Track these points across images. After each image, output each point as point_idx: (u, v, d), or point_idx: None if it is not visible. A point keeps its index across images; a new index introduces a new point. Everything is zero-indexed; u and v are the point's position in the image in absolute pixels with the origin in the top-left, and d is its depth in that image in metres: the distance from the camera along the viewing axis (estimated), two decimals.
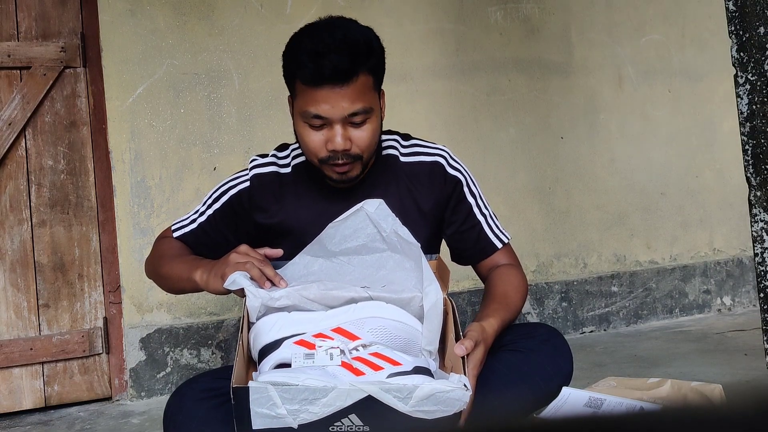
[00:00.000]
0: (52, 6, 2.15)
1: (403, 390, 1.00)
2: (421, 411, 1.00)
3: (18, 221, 2.10)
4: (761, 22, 1.40)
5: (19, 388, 2.06)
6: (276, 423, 0.99)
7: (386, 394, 1.00)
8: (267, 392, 0.98)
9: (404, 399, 1.00)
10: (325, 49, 1.19)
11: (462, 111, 2.54)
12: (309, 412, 0.99)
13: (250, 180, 1.37)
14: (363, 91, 1.23)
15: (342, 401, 0.99)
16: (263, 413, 0.99)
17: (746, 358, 2.05)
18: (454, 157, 1.41)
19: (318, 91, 1.20)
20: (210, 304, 2.22)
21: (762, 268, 1.44)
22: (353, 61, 1.20)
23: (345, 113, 1.21)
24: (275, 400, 0.98)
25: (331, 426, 1.01)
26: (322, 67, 1.18)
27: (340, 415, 1.01)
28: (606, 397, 1.22)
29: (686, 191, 2.87)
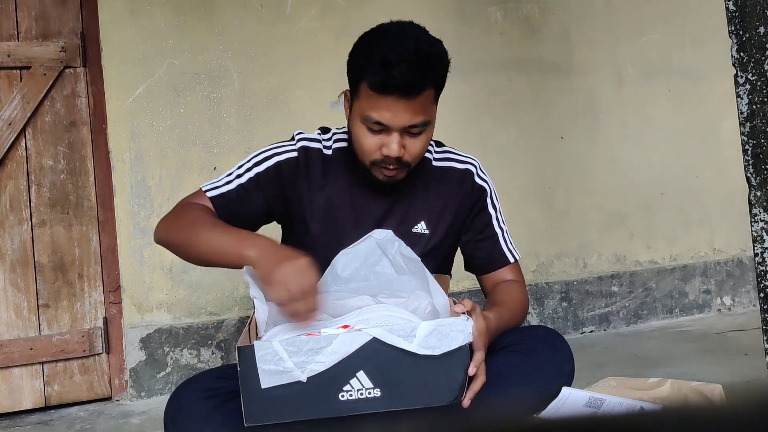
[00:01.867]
0: (52, 6, 2.15)
1: (407, 328, 1.02)
2: (427, 347, 1.02)
3: (18, 221, 2.10)
4: (761, 22, 1.40)
5: (19, 388, 2.06)
6: (284, 378, 0.99)
7: (390, 334, 1.01)
8: (272, 347, 0.99)
9: (408, 337, 1.02)
10: (397, 58, 1.18)
11: (462, 111, 2.54)
12: (316, 362, 0.99)
13: (298, 151, 1.35)
14: (426, 105, 1.24)
15: (347, 347, 1.00)
16: (271, 370, 0.99)
17: (746, 358, 2.05)
18: (482, 169, 1.46)
19: (383, 99, 1.21)
20: (210, 304, 2.22)
21: (762, 268, 1.44)
22: (423, 75, 1.20)
23: (406, 124, 1.22)
24: (281, 354, 0.98)
25: (340, 392, 1.01)
26: (392, 78, 1.18)
27: (349, 372, 1.00)
28: (606, 397, 1.22)
29: (686, 191, 2.87)
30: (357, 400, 1.02)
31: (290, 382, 0.99)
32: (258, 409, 1.00)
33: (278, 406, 1.00)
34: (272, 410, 1.01)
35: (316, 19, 2.36)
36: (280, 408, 1.01)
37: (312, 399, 1.01)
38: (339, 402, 1.02)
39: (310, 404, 1.01)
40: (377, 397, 1.02)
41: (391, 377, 1.03)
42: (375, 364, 1.02)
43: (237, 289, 2.23)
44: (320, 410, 1.02)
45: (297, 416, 1.02)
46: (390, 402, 1.03)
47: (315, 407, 1.02)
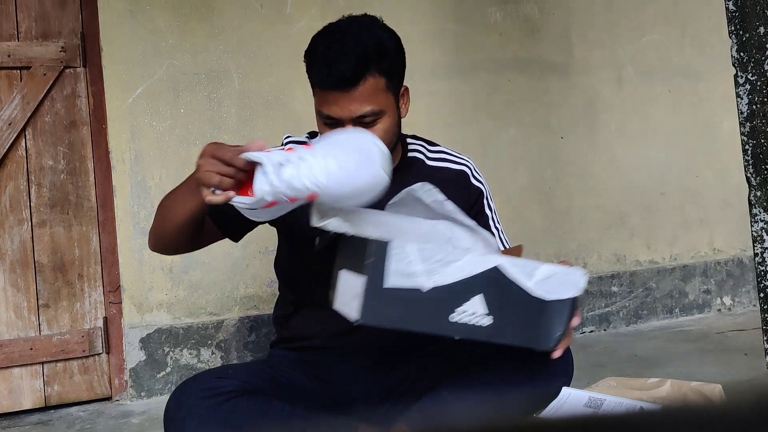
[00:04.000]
0: (52, 6, 2.15)
1: (528, 266, 1.04)
2: (542, 289, 1.05)
3: (18, 221, 2.10)
4: (761, 22, 1.40)
5: (19, 388, 2.06)
6: (408, 282, 0.99)
7: (513, 267, 1.03)
8: (406, 248, 0.99)
9: (528, 275, 1.04)
10: (333, 55, 1.23)
11: (462, 111, 2.54)
12: (442, 274, 1.00)
13: None
14: (372, 94, 1.25)
15: (474, 267, 1.01)
16: (398, 270, 0.98)
17: (746, 358, 2.05)
18: (476, 170, 1.46)
19: (327, 94, 1.25)
20: (210, 304, 2.22)
21: (762, 268, 1.44)
22: (360, 67, 1.22)
23: (353, 115, 1.25)
24: (412, 257, 0.98)
25: (452, 313, 1.01)
26: (329, 75, 1.23)
27: (466, 294, 1.01)
28: (606, 397, 1.22)
29: (686, 191, 2.87)
30: (466, 324, 1.02)
31: (412, 287, 0.99)
32: (374, 307, 0.99)
33: (393, 310, 1.00)
34: (386, 312, 1.00)
35: (316, 19, 2.36)
36: (393, 312, 1.00)
37: (425, 312, 1.01)
38: (449, 322, 1.01)
39: (422, 317, 1.01)
40: (486, 326, 1.03)
41: (503, 309, 1.04)
42: (492, 293, 1.03)
43: (237, 289, 2.24)
44: (430, 326, 1.02)
45: (407, 325, 1.02)
46: (495, 334, 1.04)
47: (426, 321, 1.02)
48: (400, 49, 1.32)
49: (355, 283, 1.02)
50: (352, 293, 1.02)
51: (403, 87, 1.35)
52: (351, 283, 1.04)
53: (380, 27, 1.30)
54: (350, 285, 1.04)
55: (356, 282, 1.01)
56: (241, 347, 2.22)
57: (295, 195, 0.99)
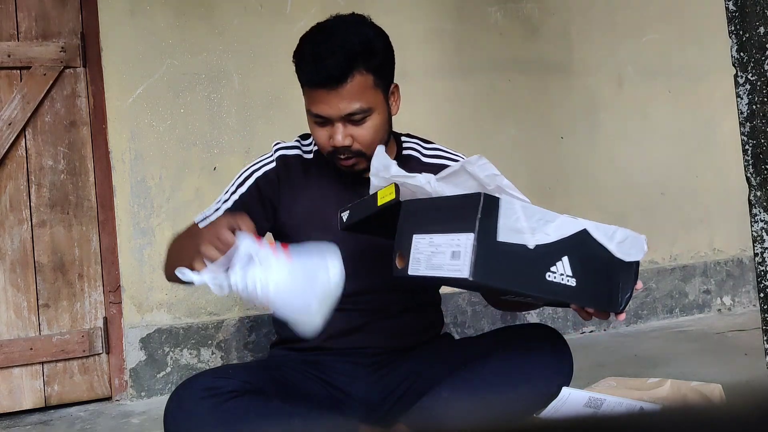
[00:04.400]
0: (52, 6, 2.15)
1: (609, 229, 1.08)
2: (621, 251, 1.09)
3: (18, 221, 2.10)
4: (761, 22, 1.40)
5: (19, 388, 2.06)
6: (516, 238, 0.99)
7: (597, 230, 1.06)
8: (514, 204, 1.01)
9: (610, 238, 1.08)
10: (320, 53, 1.24)
11: (462, 111, 2.54)
12: (543, 233, 1.01)
13: (276, 161, 1.39)
14: (360, 92, 1.26)
15: (567, 228, 1.03)
16: (507, 225, 0.99)
17: (746, 358, 2.05)
18: None
19: (316, 93, 1.26)
20: (210, 304, 2.22)
21: (762, 268, 1.44)
22: (347, 65, 1.23)
23: (341, 113, 1.25)
24: (519, 213, 1.00)
25: (548, 272, 1.02)
26: (317, 72, 1.24)
27: (557, 254, 1.03)
28: (606, 397, 1.22)
29: (686, 191, 2.87)
30: (557, 283, 1.03)
31: (519, 243, 1.00)
32: (486, 263, 0.97)
33: (503, 267, 0.99)
34: (497, 270, 0.99)
35: (316, 19, 2.34)
36: (503, 269, 1.00)
37: (528, 270, 1.01)
38: (545, 281, 1.02)
39: (525, 275, 1.01)
40: (570, 287, 1.04)
41: (586, 271, 1.06)
42: (578, 254, 1.04)
43: None
44: (531, 285, 1.02)
45: (513, 285, 1.02)
46: (578, 296, 1.06)
47: (528, 280, 1.02)
48: (388, 47, 1.33)
49: (451, 243, 1.00)
50: (447, 253, 1.00)
51: (393, 84, 1.36)
52: (441, 244, 1.01)
53: (368, 25, 1.31)
54: (439, 246, 1.02)
55: (452, 241, 0.99)
56: (241, 347, 2.22)
57: (248, 296, 1.03)
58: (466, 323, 2.48)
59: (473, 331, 2.48)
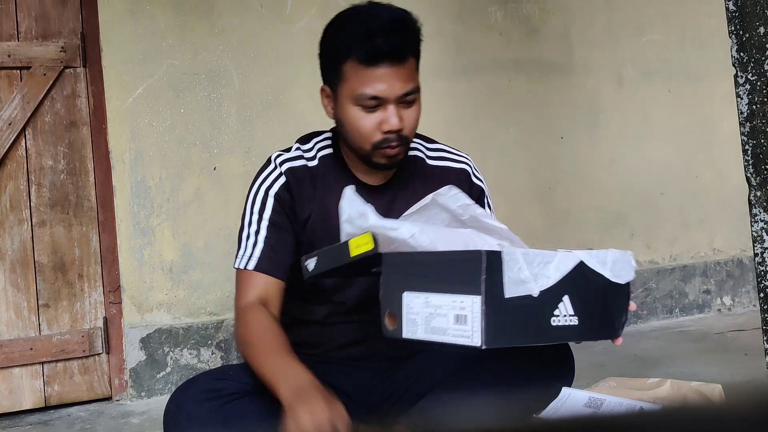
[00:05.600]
0: (52, 6, 2.15)
1: (601, 254, 1.03)
2: (614, 275, 1.04)
3: (18, 221, 2.10)
4: (761, 22, 1.40)
5: (19, 388, 2.06)
6: (522, 289, 0.93)
7: (591, 258, 1.01)
8: (515, 255, 0.93)
9: (603, 263, 1.03)
10: (378, 28, 1.19)
11: (462, 111, 2.54)
12: (545, 277, 0.96)
13: (285, 174, 1.30)
14: (413, 71, 1.25)
15: (566, 264, 0.98)
16: (513, 278, 0.92)
17: (746, 358, 2.05)
18: (476, 168, 1.44)
19: (374, 71, 1.19)
20: (210, 304, 2.22)
21: (762, 268, 1.44)
22: (405, 40, 1.22)
23: (400, 92, 1.21)
24: (521, 262, 0.93)
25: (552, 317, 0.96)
26: (379, 46, 1.18)
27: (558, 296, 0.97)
28: (606, 397, 1.22)
29: (686, 191, 2.87)
30: (563, 327, 0.98)
31: (525, 294, 0.93)
32: (497, 326, 0.90)
33: (512, 326, 0.93)
34: (508, 330, 0.92)
35: (316, 19, 2.36)
36: (513, 328, 0.93)
37: (535, 320, 0.95)
38: (552, 327, 0.97)
39: (533, 326, 0.95)
40: (574, 326, 0.99)
41: (585, 306, 1.01)
42: (577, 290, 0.99)
43: None
44: (540, 335, 0.97)
45: (524, 341, 0.96)
46: (582, 333, 1.01)
47: (537, 331, 0.96)
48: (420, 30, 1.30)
49: (452, 305, 0.92)
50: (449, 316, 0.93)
51: None
52: (440, 306, 0.94)
53: (402, 9, 1.28)
54: (438, 307, 0.94)
55: (454, 303, 0.92)
56: None
57: None
58: None
59: None
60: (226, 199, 2.22)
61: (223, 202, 2.22)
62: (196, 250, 2.21)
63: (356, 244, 1.04)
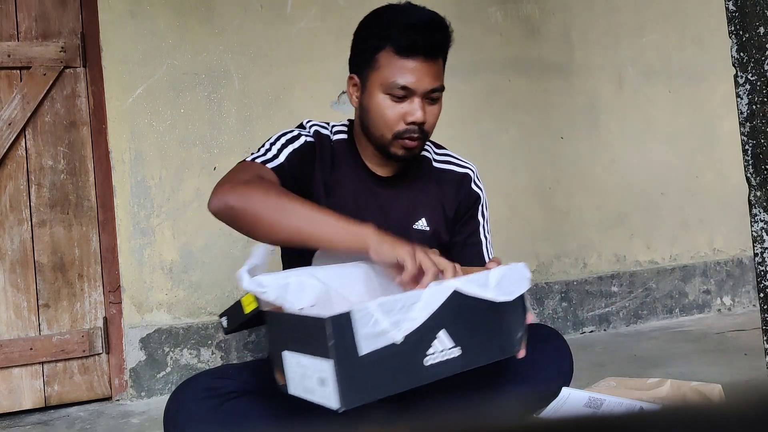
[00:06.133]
0: (52, 6, 2.15)
1: (481, 278, 1.01)
2: (501, 293, 1.02)
3: (18, 221, 2.10)
4: (761, 22, 1.40)
5: (19, 388, 2.06)
6: (381, 341, 0.91)
7: (469, 284, 1.00)
8: (368, 309, 0.91)
9: (483, 285, 1.01)
10: (418, 23, 1.24)
11: (462, 111, 2.54)
12: (410, 320, 0.94)
13: (313, 136, 1.33)
14: (441, 71, 1.29)
15: (436, 300, 0.96)
16: (367, 333, 0.90)
17: (746, 358, 2.05)
18: (479, 176, 1.48)
19: (408, 62, 1.24)
20: (210, 304, 2.22)
21: (762, 268, 1.44)
22: (442, 38, 1.27)
23: (429, 87, 1.26)
24: (376, 315, 0.91)
25: (425, 357, 0.95)
26: (417, 39, 1.23)
27: (432, 332, 0.96)
28: (606, 397, 1.22)
29: (686, 191, 2.87)
30: (440, 363, 0.97)
31: (386, 345, 0.92)
32: (352, 386, 0.90)
33: (373, 379, 0.91)
34: (367, 385, 0.91)
35: (316, 19, 2.36)
36: (375, 383, 0.92)
37: (402, 366, 0.93)
38: (425, 368, 0.95)
39: (401, 373, 0.94)
40: (456, 357, 0.98)
41: (468, 333, 1.00)
42: (455, 320, 0.98)
43: (237, 289, 2.23)
44: (409, 379, 0.95)
45: (389, 390, 0.93)
46: (466, 361, 1.00)
47: (405, 376, 0.94)
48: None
49: (315, 367, 0.92)
50: (314, 378, 0.92)
51: None
52: (308, 367, 0.93)
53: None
54: (306, 368, 0.94)
55: (316, 366, 0.91)
56: (241, 347, 2.22)
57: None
58: None
59: None
60: None
61: None
62: (196, 250, 2.21)
63: (247, 302, 1.05)
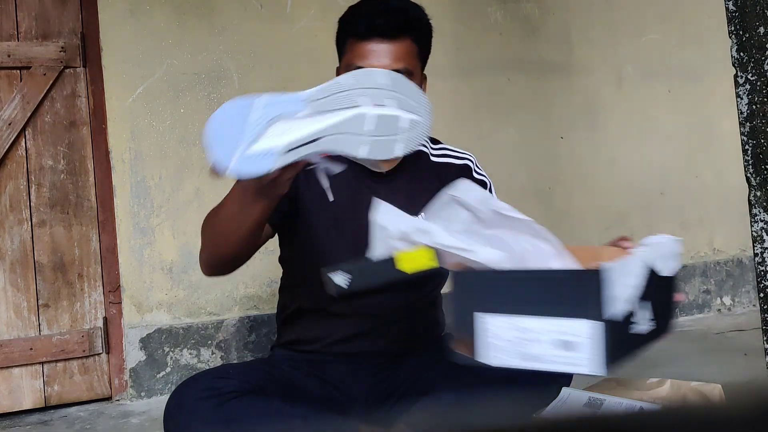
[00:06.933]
0: (52, 6, 2.15)
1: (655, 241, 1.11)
2: (664, 267, 1.06)
3: (18, 221, 2.10)
4: (761, 22, 1.40)
5: (19, 388, 2.06)
6: (627, 306, 0.87)
7: (649, 254, 1.02)
8: (623, 269, 0.86)
9: (659, 258, 1.05)
10: (379, 8, 1.27)
11: (462, 111, 2.54)
12: (630, 287, 0.90)
13: None
14: (407, 54, 1.28)
15: (637, 269, 0.92)
16: (617, 296, 0.85)
17: (746, 358, 2.05)
18: (478, 165, 1.49)
19: (366, 45, 1.26)
20: (210, 304, 2.22)
21: (762, 268, 1.44)
22: (403, 23, 1.26)
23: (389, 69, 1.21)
24: (629, 275, 0.88)
25: (633, 326, 0.90)
26: (374, 21, 1.25)
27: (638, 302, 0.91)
28: (606, 397, 1.22)
29: (686, 191, 2.87)
30: (644, 334, 0.93)
31: (629, 312, 0.88)
32: (614, 350, 0.85)
33: (625, 346, 0.88)
34: (619, 349, 0.87)
35: (316, 19, 2.36)
36: (625, 347, 0.88)
37: (623, 334, 0.88)
38: (637, 337, 0.91)
39: (627, 341, 0.89)
40: (654, 330, 0.95)
41: (654, 305, 0.96)
42: (647, 294, 0.93)
43: (237, 289, 2.23)
44: (631, 348, 0.90)
45: (626, 356, 0.89)
46: (657, 334, 0.97)
47: (630, 344, 0.90)
48: (431, 29, 1.35)
49: (556, 329, 0.85)
50: (548, 342, 0.86)
51: (424, 74, 1.37)
52: (537, 330, 0.87)
53: (417, 4, 1.34)
54: (533, 332, 0.87)
55: (559, 328, 0.85)
56: (241, 347, 2.22)
57: None
58: None
59: None
60: None
61: None
62: (196, 250, 2.20)
63: (408, 260, 0.95)
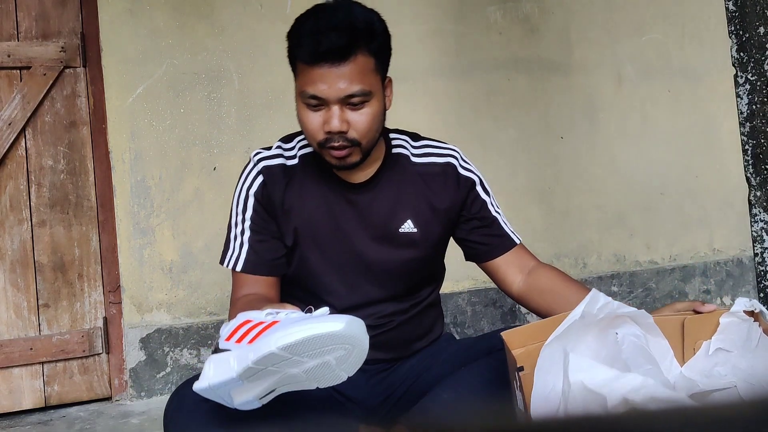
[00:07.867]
0: (52, 6, 2.15)
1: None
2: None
3: (18, 221, 2.10)
4: (761, 22, 1.40)
5: (19, 388, 2.06)
6: None
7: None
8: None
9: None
10: (324, 27, 1.17)
11: (462, 111, 2.54)
12: None
13: (262, 173, 1.31)
14: (362, 73, 1.19)
15: None
16: None
17: None
18: (464, 158, 1.40)
19: (315, 70, 1.17)
20: (210, 304, 2.22)
21: (762, 268, 1.44)
22: (351, 40, 1.17)
23: (341, 94, 1.18)
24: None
25: None
26: (320, 45, 1.16)
27: None
28: None
29: (686, 191, 2.87)
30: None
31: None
32: None
33: None
34: None
35: None
36: None
37: None
38: None
39: None
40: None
41: None
42: None
43: None
44: None
45: None
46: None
47: None
48: (387, 33, 1.26)
49: None
50: None
51: (388, 78, 1.29)
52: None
53: (367, 8, 1.25)
54: None
55: None
56: None
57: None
58: (466, 323, 2.48)
59: (473, 331, 2.48)
60: (226, 199, 2.21)
61: (223, 202, 2.22)
62: (195, 250, 2.21)
63: None
